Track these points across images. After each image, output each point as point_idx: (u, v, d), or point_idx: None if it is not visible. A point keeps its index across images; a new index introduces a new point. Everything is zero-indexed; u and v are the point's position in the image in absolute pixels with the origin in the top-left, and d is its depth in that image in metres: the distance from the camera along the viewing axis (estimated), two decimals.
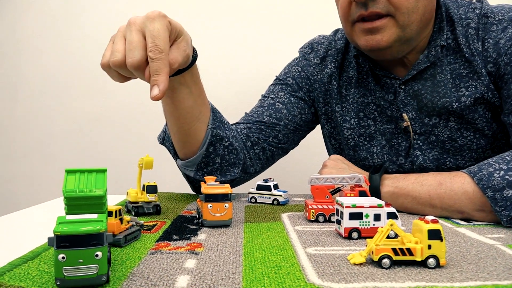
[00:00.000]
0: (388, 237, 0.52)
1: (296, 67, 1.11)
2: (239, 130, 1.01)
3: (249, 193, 0.88)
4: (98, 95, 1.78)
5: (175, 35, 0.67)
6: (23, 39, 1.81)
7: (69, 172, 0.47)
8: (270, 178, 0.89)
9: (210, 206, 0.64)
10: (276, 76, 1.14)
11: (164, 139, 0.93)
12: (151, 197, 0.73)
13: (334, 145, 1.08)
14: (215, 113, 0.89)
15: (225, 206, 0.64)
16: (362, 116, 1.00)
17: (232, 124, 1.05)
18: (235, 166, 0.91)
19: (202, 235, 0.60)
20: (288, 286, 0.39)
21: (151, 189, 0.74)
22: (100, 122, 1.79)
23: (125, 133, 1.78)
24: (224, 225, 0.65)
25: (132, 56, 0.61)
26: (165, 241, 0.56)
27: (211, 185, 0.66)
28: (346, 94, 1.03)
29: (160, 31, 0.62)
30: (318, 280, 0.41)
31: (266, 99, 1.09)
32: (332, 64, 1.06)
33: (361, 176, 0.70)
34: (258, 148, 1.01)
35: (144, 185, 0.74)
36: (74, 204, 0.45)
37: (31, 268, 0.44)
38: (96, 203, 0.45)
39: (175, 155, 0.92)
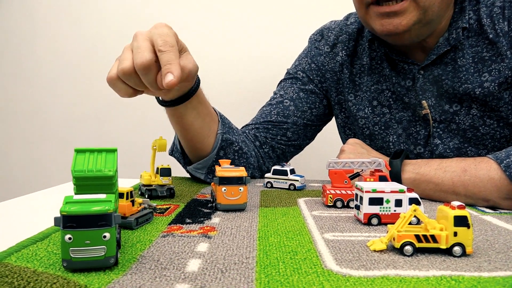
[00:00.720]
0: (410, 223, 0.50)
1: (306, 59, 1.08)
2: (247, 131, 1.02)
3: (265, 177, 0.86)
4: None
5: (180, 46, 0.67)
6: (39, 22, 1.82)
7: (78, 151, 0.46)
8: (286, 163, 0.87)
9: (224, 190, 0.62)
10: (287, 69, 1.12)
11: (173, 151, 0.95)
12: (164, 180, 0.72)
13: (349, 135, 1.06)
14: (223, 119, 0.90)
15: (240, 189, 0.63)
16: (376, 104, 0.97)
17: (242, 127, 1.07)
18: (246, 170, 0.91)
19: (215, 219, 0.58)
20: (304, 272, 0.38)
21: (165, 172, 0.72)
22: (115, 105, 1.79)
23: (140, 116, 1.78)
24: (238, 209, 0.64)
25: (141, 57, 0.60)
26: (177, 224, 0.55)
27: (225, 168, 0.65)
28: (359, 83, 1.00)
29: (168, 33, 0.62)
30: (336, 266, 0.40)
31: (275, 96, 1.08)
32: (343, 51, 1.03)
33: (381, 160, 0.67)
34: (267, 147, 1.02)
35: (158, 168, 0.73)
36: (83, 184, 0.44)
37: (39, 249, 0.43)
38: (105, 184, 0.44)
39: (185, 164, 0.93)
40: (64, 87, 1.83)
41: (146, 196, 0.72)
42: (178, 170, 1.00)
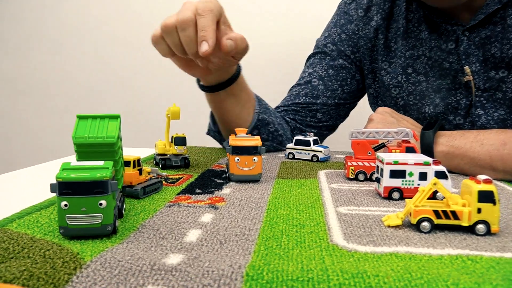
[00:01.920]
0: (436, 198, 0.48)
1: (335, 29, 1.04)
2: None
3: (287, 148, 0.85)
4: (126, 48, 1.80)
5: (225, 20, 0.71)
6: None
7: (80, 118, 0.46)
8: (310, 133, 0.85)
9: (238, 160, 0.62)
10: (316, 41, 1.08)
11: (209, 130, 0.98)
12: (179, 150, 0.73)
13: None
14: (259, 100, 0.93)
15: (254, 159, 0.62)
16: (411, 72, 0.92)
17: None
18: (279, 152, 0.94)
19: (226, 190, 0.58)
20: (307, 246, 0.37)
21: (180, 141, 0.73)
22: (134, 71, 1.81)
23: (155, 83, 1.79)
24: (252, 180, 0.63)
25: (183, 15, 0.65)
26: (186, 194, 0.55)
27: (240, 137, 0.64)
28: (395, 48, 0.95)
29: (212, 1, 0.67)
30: (343, 241, 0.38)
31: (303, 75, 1.06)
32: (378, 15, 0.97)
33: (409, 130, 0.64)
34: (297, 132, 1.01)
35: (172, 137, 0.73)
36: (85, 151, 0.44)
37: (42, 216, 0.44)
38: (107, 151, 0.45)
39: (221, 141, 0.97)
40: (78, 54, 1.86)
41: (160, 166, 0.72)
42: (195, 139, 1.01)
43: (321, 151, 0.81)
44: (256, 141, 0.62)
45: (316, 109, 1.02)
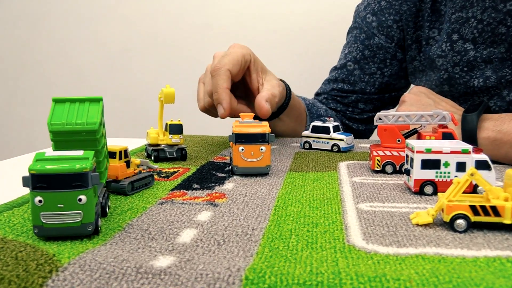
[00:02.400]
0: (476, 192, 0.49)
1: None
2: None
3: (302, 136, 0.86)
4: (114, 20, 1.82)
5: (258, 67, 0.83)
6: None
7: (57, 101, 0.48)
8: (329, 118, 0.86)
9: (242, 149, 0.63)
10: (356, 7, 1.09)
11: None
12: (175, 139, 0.74)
13: (426, 83, 1.01)
14: (309, 109, 1.04)
15: (261, 149, 0.63)
16: (456, 39, 0.92)
17: (313, 96, 1.17)
18: None
19: (229, 185, 0.59)
20: (319, 247, 0.38)
21: (175, 128, 0.74)
22: (117, 50, 1.83)
23: (146, 61, 1.81)
24: (260, 173, 0.64)
25: (199, 105, 0.87)
26: (181, 190, 0.57)
27: (245, 123, 0.65)
28: (444, 12, 0.95)
29: (227, 53, 0.79)
30: (362, 242, 0.39)
31: (341, 56, 1.10)
32: None
33: (446, 113, 0.65)
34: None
35: (166, 124, 0.75)
36: (62, 140, 0.46)
37: (14, 215, 0.46)
38: (88, 139, 0.47)
39: None
40: (73, 31, 1.88)
41: (153, 158, 0.74)
42: (193, 127, 1.02)
43: (342, 140, 0.82)
44: (264, 127, 0.63)
45: (356, 99, 1.05)
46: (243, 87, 0.85)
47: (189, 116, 1.04)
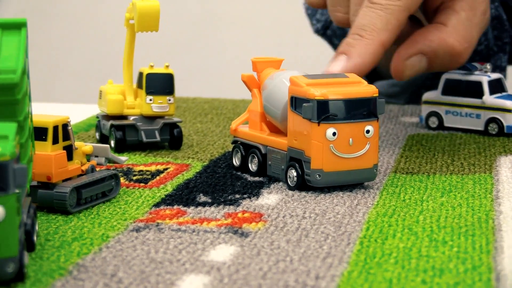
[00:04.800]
0: None
1: None
2: None
3: (424, 102, 0.58)
4: None
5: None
6: None
7: None
8: (483, 63, 0.56)
9: (335, 135, 0.40)
10: None
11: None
12: (157, 105, 0.50)
13: None
14: None
15: (367, 131, 0.41)
16: None
17: None
18: None
19: (270, 197, 0.41)
20: None
21: (159, 82, 0.50)
22: None
23: None
24: (361, 181, 0.43)
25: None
26: (175, 206, 0.39)
27: (319, 78, 0.42)
28: None
29: None
30: None
31: None
32: None
33: None
34: None
35: (140, 74, 0.50)
36: None
37: None
38: (2, 102, 0.30)
39: None
40: None
41: (114, 141, 0.49)
42: (196, 85, 0.71)
43: (510, 109, 0.53)
44: (364, 86, 0.41)
45: None
46: None
47: (178, 57, 0.75)
